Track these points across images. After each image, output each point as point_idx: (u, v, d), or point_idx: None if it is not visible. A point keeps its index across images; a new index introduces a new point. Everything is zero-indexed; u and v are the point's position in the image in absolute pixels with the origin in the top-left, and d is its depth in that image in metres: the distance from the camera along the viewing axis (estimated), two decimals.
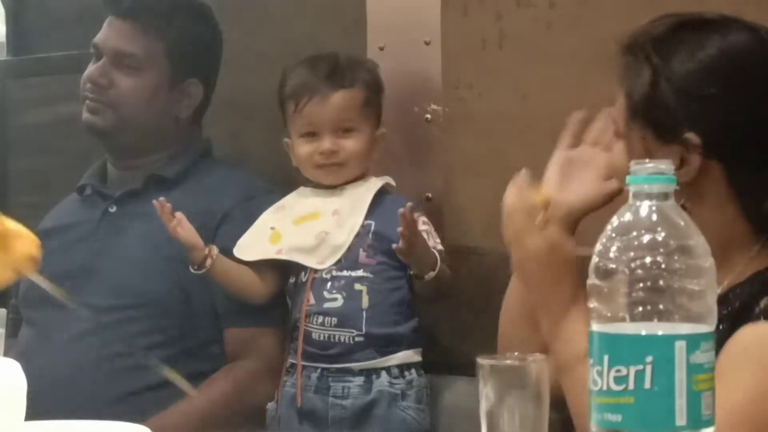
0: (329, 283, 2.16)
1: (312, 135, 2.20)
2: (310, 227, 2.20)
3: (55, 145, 2.89)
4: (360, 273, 2.15)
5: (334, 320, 2.13)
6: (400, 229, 2.09)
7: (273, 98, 2.31)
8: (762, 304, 1.47)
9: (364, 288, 2.14)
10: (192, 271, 2.18)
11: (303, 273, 2.20)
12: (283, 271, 2.24)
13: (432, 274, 2.12)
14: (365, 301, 2.13)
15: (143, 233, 2.32)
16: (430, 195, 2.34)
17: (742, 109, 1.51)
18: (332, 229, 2.18)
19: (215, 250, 2.19)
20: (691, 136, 1.50)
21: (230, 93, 2.59)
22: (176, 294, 2.28)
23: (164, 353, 2.24)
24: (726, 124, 1.51)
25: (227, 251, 2.23)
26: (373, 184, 2.23)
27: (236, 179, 2.41)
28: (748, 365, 1.42)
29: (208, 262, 2.16)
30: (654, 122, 1.53)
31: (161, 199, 2.16)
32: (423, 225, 2.17)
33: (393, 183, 2.26)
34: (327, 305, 2.14)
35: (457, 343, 2.28)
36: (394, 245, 2.13)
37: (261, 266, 2.23)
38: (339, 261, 2.16)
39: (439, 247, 2.18)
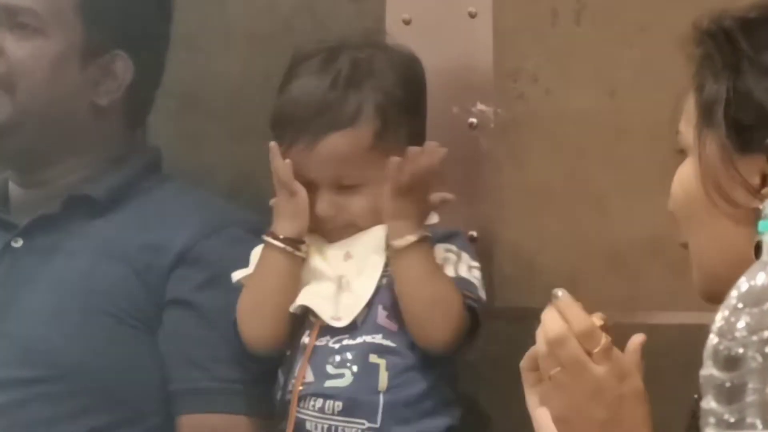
0: (336, 355, 2.13)
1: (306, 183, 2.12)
2: (323, 268, 2.17)
3: None
4: (378, 339, 2.14)
5: (339, 405, 2.11)
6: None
7: (249, 90, 2.33)
8: None
9: (382, 362, 2.12)
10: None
11: (305, 333, 2.15)
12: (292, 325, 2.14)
13: (410, 238, 2.09)
14: (383, 380, 2.12)
15: (60, 276, 2.31)
16: (474, 234, 2.33)
17: None
18: (350, 275, 2.16)
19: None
20: None
21: (188, 84, 2.59)
22: (107, 361, 2.26)
23: None
24: None
25: (183, 303, 2.22)
26: None
27: (197, 204, 2.37)
28: None
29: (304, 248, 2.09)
30: (734, 124, 1.58)
31: None
32: (446, 253, 2.15)
33: None
34: (330, 384, 2.10)
35: None
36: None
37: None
38: (353, 321, 2.12)
39: (476, 288, 2.13)
